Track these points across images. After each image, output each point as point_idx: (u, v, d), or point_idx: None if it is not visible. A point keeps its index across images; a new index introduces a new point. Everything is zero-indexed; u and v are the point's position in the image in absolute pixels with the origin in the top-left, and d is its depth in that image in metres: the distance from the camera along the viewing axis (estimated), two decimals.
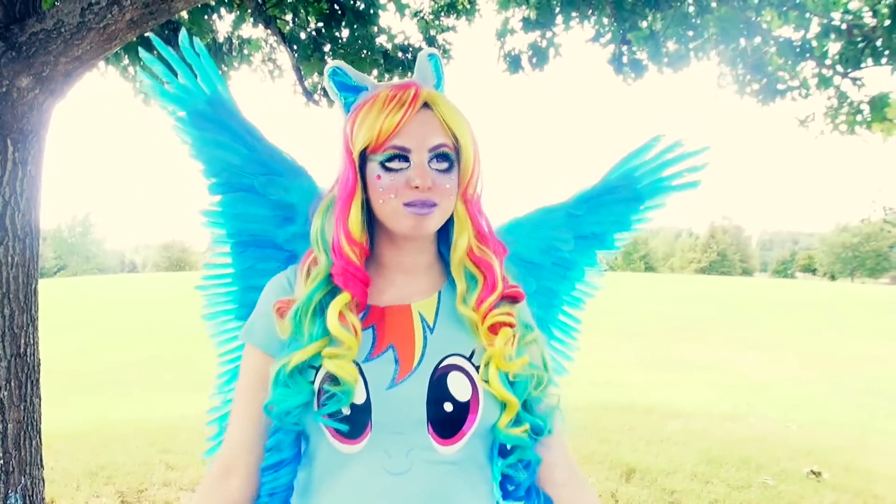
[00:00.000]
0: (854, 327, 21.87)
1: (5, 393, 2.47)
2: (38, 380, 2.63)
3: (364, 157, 1.18)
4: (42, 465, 2.67)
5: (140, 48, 1.67)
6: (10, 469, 2.49)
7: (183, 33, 1.53)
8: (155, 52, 1.61)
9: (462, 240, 1.23)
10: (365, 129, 1.16)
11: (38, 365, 2.64)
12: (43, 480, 2.68)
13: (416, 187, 1.13)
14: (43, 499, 2.68)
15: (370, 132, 1.15)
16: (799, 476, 5.28)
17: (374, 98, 1.18)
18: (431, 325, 1.23)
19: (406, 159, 1.15)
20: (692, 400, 9.33)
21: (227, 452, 1.25)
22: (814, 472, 5.32)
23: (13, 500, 2.48)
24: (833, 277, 72.42)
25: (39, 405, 2.65)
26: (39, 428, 2.64)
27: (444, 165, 1.17)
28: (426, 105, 1.18)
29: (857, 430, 7.21)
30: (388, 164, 1.15)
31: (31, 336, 2.60)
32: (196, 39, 1.52)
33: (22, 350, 2.54)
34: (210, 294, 1.61)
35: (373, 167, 1.17)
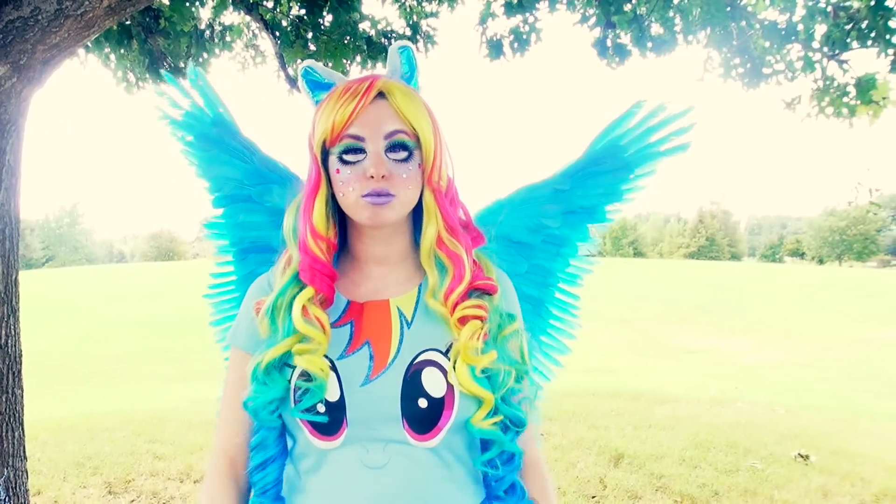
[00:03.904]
0: (842, 311, 22.03)
1: None
2: (19, 371, 2.61)
3: (325, 151, 1.19)
4: (25, 457, 2.65)
5: (153, 77, 1.72)
6: None
7: (190, 67, 1.66)
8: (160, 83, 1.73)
9: (430, 230, 1.21)
10: (321, 123, 1.17)
11: (20, 356, 2.62)
12: (26, 472, 2.66)
13: (372, 177, 1.13)
14: (27, 490, 2.66)
15: (326, 125, 1.16)
16: (786, 460, 5.32)
17: (332, 92, 1.19)
18: (409, 320, 1.22)
19: (362, 150, 1.15)
20: (680, 385, 9.38)
21: (226, 448, 1.28)
22: (801, 456, 5.36)
23: None
24: (821, 261, 72.63)
25: (22, 396, 2.62)
26: (22, 419, 2.62)
27: (402, 155, 1.17)
28: (382, 95, 1.17)
29: (844, 414, 7.26)
30: (345, 157, 1.16)
31: (12, 327, 2.57)
32: (199, 70, 1.65)
33: (3, 341, 2.51)
34: (216, 301, 1.72)
35: (333, 161, 1.18)
